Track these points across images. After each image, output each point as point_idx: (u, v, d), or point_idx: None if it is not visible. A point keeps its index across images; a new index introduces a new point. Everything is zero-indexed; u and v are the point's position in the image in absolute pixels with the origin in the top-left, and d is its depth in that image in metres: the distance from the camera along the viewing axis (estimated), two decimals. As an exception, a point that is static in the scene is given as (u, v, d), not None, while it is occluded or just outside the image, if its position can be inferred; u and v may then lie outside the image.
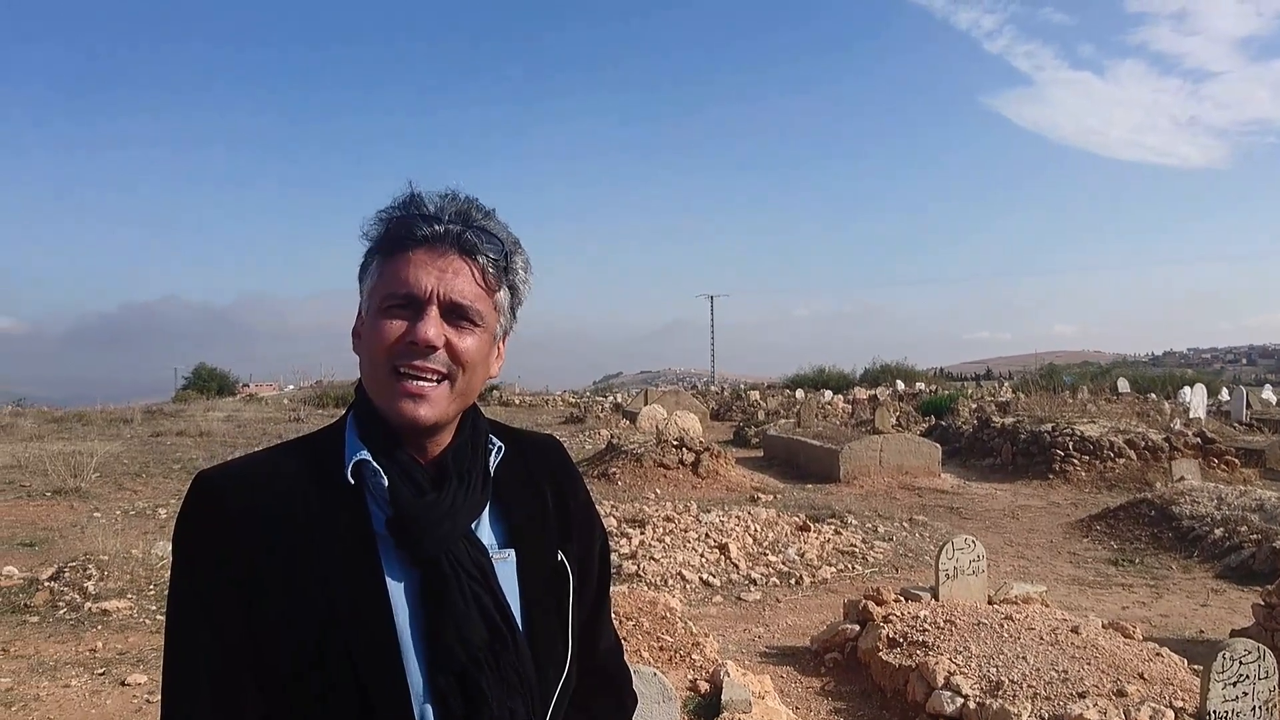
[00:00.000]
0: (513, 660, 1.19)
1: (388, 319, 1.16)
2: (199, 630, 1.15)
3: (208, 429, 22.02)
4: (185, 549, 1.17)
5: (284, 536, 1.14)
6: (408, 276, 1.16)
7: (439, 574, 1.16)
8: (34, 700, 5.42)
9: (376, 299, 1.18)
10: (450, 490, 1.19)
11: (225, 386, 43.99)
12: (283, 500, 1.16)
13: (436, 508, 1.17)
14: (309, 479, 1.19)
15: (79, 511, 11.57)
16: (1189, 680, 4.88)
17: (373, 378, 1.19)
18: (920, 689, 5.13)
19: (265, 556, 1.13)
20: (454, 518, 1.18)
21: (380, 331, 1.16)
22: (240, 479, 1.19)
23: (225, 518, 1.14)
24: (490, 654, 1.17)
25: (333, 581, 1.13)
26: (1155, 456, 14.54)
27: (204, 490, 1.18)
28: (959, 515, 12.26)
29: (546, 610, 1.27)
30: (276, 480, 1.18)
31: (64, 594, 7.45)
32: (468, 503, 1.21)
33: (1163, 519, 10.47)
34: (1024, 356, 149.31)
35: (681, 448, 14.42)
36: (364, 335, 1.21)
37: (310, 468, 1.20)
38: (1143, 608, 7.88)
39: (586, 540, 1.41)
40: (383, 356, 1.16)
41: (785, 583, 8.54)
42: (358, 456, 1.17)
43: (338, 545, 1.15)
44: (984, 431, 17.67)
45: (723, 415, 29.33)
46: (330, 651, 1.12)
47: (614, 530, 9.66)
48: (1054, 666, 5.01)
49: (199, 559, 1.16)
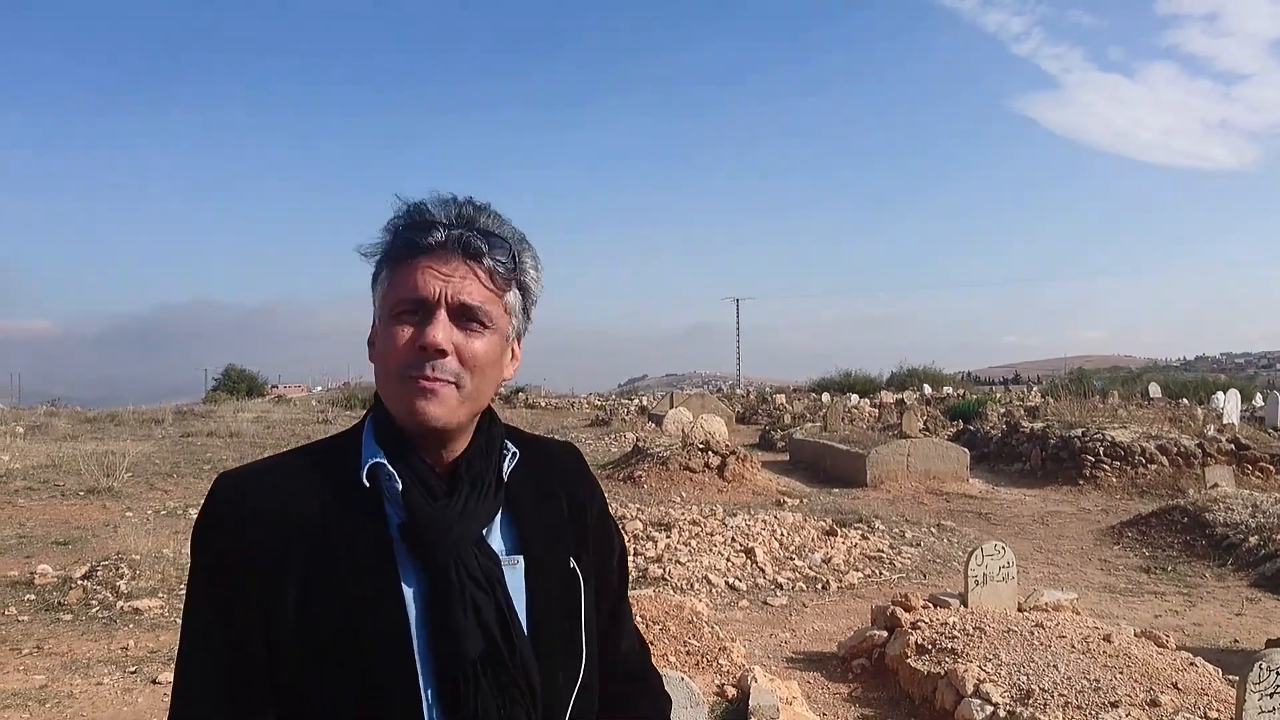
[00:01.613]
0: (512, 670, 1.18)
1: (398, 325, 1.17)
2: (215, 629, 1.16)
3: (237, 430, 22.22)
4: (204, 549, 1.18)
5: (302, 538, 1.15)
6: (415, 282, 1.17)
7: (445, 581, 1.16)
8: (67, 697, 5.49)
9: (387, 307, 1.19)
10: (462, 496, 1.20)
11: (254, 388, 44.38)
12: (300, 502, 1.17)
13: (448, 513, 1.17)
14: (326, 481, 1.20)
15: (111, 511, 11.71)
16: (1224, 691, 4.81)
17: (385, 383, 1.20)
18: (949, 696, 5.09)
19: (283, 557, 1.14)
20: (465, 524, 1.18)
21: (391, 338, 1.18)
22: (259, 480, 1.20)
23: (244, 518, 1.15)
24: (487, 664, 1.17)
25: (349, 583, 1.14)
26: (1188, 463, 14.33)
27: (224, 491, 1.19)
28: (987, 521, 12.15)
29: (556, 617, 1.27)
30: (295, 482, 1.19)
31: (97, 593, 7.55)
32: (479, 509, 1.21)
33: (1196, 526, 10.32)
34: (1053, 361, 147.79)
35: (707, 451, 14.39)
36: (377, 343, 1.22)
37: (328, 470, 1.21)
38: (1176, 616, 7.77)
39: (604, 549, 1.41)
40: (394, 362, 1.17)
41: (812, 588, 8.50)
42: (373, 460, 1.18)
43: (354, 547, 1.16)
44: (1013, 436, 17.50)
45: (748, 419, 29.26)
46: (345, 653, 1.13)
47: (640, 533, 9.66)
48: (1086, 675, 4.95)
49: (217, 559, 1.16)
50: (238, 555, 1.14)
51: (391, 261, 1.20)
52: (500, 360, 1.24)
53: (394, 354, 1.17)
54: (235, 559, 1.15)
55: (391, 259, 1.20)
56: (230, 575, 1.15)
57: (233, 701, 1.15)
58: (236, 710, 1.15)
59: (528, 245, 1.25)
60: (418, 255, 1.17)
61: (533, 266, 1.26)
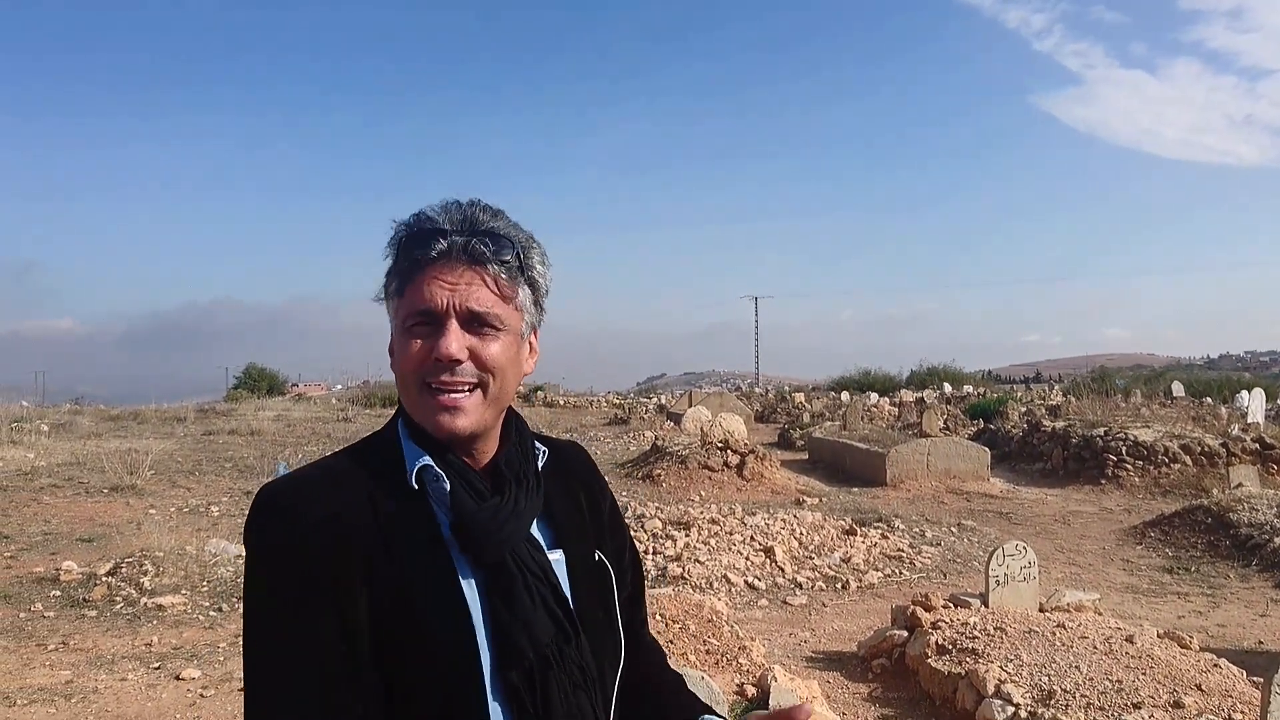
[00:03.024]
0: (576, 656, 1.22)
1: (412, 338, 1.19)
2: (299, 641, 1.13)
3: (258, 428, 22.39)
4: (268, 562, 1.16)
5: (359, 542, 1.15)
6: (424, 294, 1.18)
7: (506, 573, 1.19)
8: (92, 692, 5.56)
9: (400, 319, 1.21)
10: (512, 494, 1.23)
11: (275, 386, 44.65)
12: (353, 508, 1.17)
13: (501, 511, 1.20)
14: (374, 484, 1.20)
15: (135, 508, 11.83)
16: (1249, 693, 4.76)
17: (407, 395, 1.22)
18: (970, 697, 5.06)
19: (344, 562, 1.14)
20: (516, 521, 1.21)
21: (406, 350, 1.19)
22: (311, 488, 1.20)
23: (303, 528, 1.15)
24: (556, 650, 1.20)
25: (411, 584, 1.15)
26: (1212, 462, 14.19)
27: (274, 503, 1.18)
28: (1008, 520, 12.08)
29: (595, 607, 1.30)
30: (343, 489, 1.19)
31: (121, 589, 7.63)
32: (528, 506, 1.24)
33: (1220, 526, 10.22)
34: (1074, 359, 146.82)
35: (726, 450, 14.38)
36: (394, 354, 1.24)
37: (373, 474, 1.21)
38: (1199, 617, 7.70)
39: (618, 543, 1.45)
40: (412, 374, 1.20)
41: (831, 587, 8.48)
42: (421, 462, 1.20)
43: (411, 548, 1.17)
44: (1034, 435, 17.39)
45: (767, 417, 29.19)
46: (411, 652, 1.14)
47: (659, 532, 9.66)
48: (1108, 676, 4.91)
49: (283, 570, 1.15)
50: (303, 565, 1.13)
51: (400, 274, 1.21)
52: (518, 358, 1.26)
53: (411, 365, 1.19)
54: (301, 569, 1.13)
55: (399, 272, 1.22)
56: (299, 586, 1.13)
57: (335, 707, 1.12)
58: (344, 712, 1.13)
59: (534, 243, 1.26)
60: (424, 266, 1.19)
61: (540, 261, 1.26)
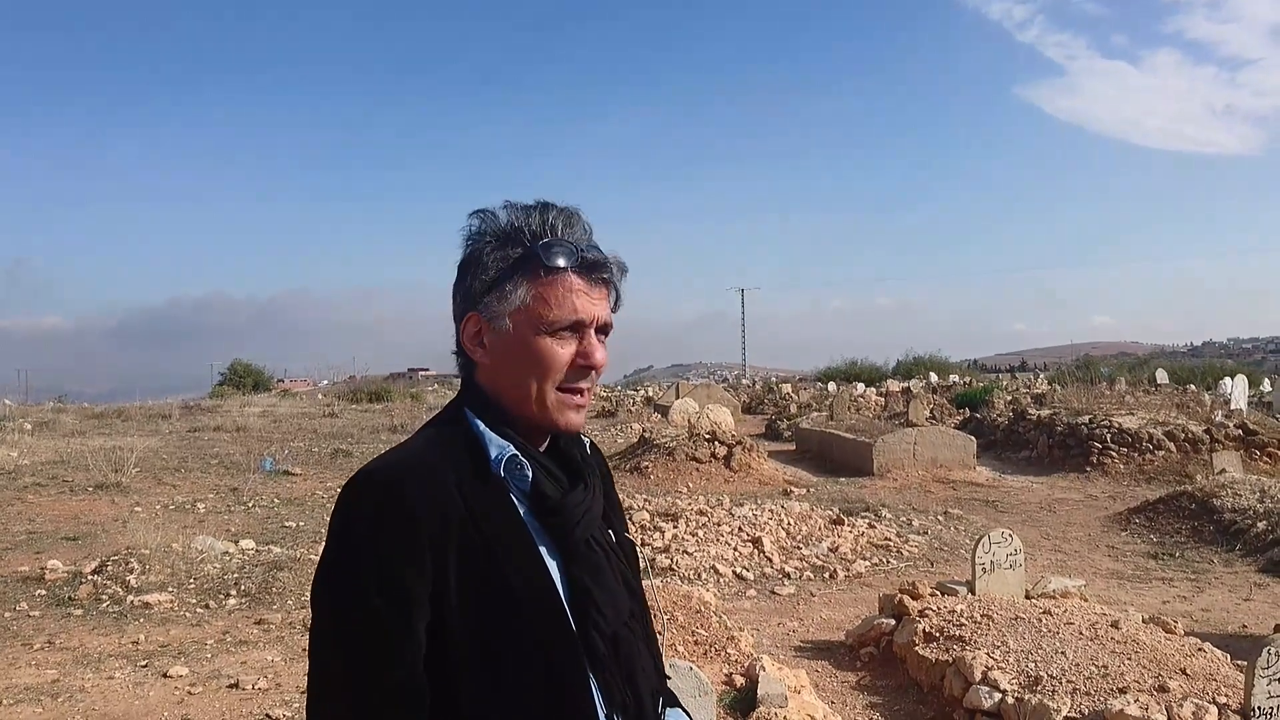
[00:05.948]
0: (640, 629, 1.37)
1: (556, 342, 1.28)
2: (395, 627, 1.17)
3: (244, 425, 22.29)
4: (374, 545, 1.18)
5: (455, 527, 1.20)
6: (575, 304, 1.28)
7: (590, 553, 1.30)
8: (79, 691, 5.52)
9: (535, 320, 1.28)
10: (592, 482, 1.36)
11: (261, 383, 44.42)
12: (447, 493, 1.22)
13: (585, 496, 1.32)
14: (459, 472, 1.25)
15: (120, 506, 11.77)
16: (1232, 676, 4.80)
17: (530, 392, 1.30)
18: (957, 684, 5.09)
19: (444, 547, 1.19)
20: (596, 506, 1.35)
21: (549, 353, 1.28)
22: (409, 474, 1.23)
23: (411, 513, 1.18)
24: (634, 621, 1.35)
25: (507, 566, 1.22)
26: (1195, 449, 14.30)
27: (382, 487, 1.21)
28: (994, 509, 12.15)
29: (638, 584, 1.45)
30: (436, 474, 1.24)
31: (107, 587, 7.58)
32: (599, 493, 1.38)
33: (1203, 512, 10.30)
34: (1060, 348, 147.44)
35: (714, 441, 14.40)
36: (517, 352, 1.29)
37: (457, 462, 1.27)
38: (1184, 602, 7.76)
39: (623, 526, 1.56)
40: (554, 375, 1.29)
41: (819, 577, 8.51)
42: (508, 452, 1.28)
43: (502, 532, 1.24)
44: (1019, 424, 17.47)
45: (754, 409, 29.21)
46: (508, 625, 1.20)
47: (647, 524, 9.67)
48: (1094, 661, 4.95)
49: (390, 554, 1.17)
50: (409, 549, 1.17)
51: (528, 276, 1.28)
52: None
53: (554, 368, 1.29)
54: (406, 553, 1.17)
55: (530, 274, 1.28)
56: (404, 570, 1.17)
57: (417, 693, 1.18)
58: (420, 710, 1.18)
59: (621, 262, 1.39)
60: (563, 275, 1.28)
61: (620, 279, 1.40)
